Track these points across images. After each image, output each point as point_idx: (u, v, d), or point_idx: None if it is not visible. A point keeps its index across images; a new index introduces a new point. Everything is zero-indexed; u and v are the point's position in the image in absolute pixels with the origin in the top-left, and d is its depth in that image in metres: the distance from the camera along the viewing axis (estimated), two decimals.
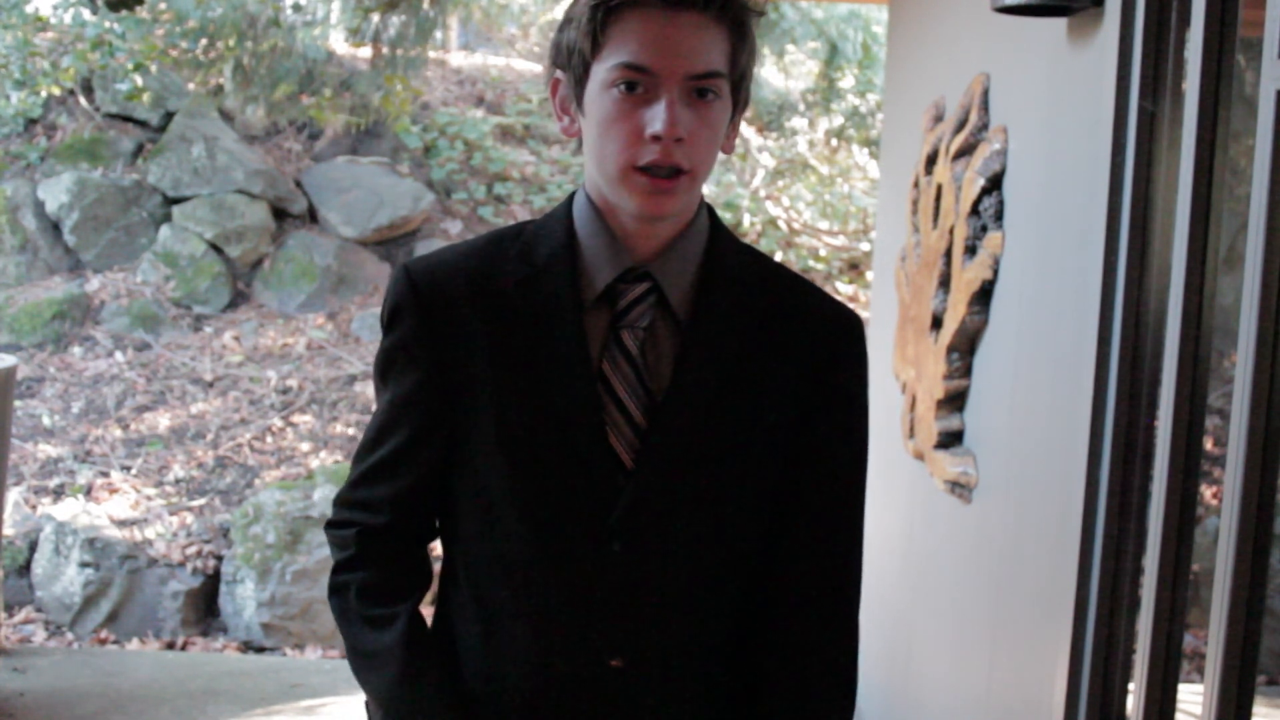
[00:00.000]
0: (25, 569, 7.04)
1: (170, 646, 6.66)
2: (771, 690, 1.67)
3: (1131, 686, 2.56)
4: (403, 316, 1.66)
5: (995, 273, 3.30)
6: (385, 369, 1.69)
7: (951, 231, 3.61)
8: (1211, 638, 2.04)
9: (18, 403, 8.16)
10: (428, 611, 1.75)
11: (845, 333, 1.71)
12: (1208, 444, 2.36)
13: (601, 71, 1.56)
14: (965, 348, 3.55)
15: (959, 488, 3.54)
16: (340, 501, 1.74)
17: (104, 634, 6.75)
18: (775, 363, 1.66)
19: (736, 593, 1.70)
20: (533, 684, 1.64)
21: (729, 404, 1.63)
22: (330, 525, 1.74)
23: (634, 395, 1.62)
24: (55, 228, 9.57)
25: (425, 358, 1.64)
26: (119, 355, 8.94)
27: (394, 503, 1.69)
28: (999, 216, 3.30)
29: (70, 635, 6.75)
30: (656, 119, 1.53)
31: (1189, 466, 2.32)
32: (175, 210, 9.63)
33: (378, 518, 1.69)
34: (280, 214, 9.83)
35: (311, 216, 9.92)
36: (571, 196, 1.70)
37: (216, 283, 9.42)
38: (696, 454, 1.62)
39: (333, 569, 1.73)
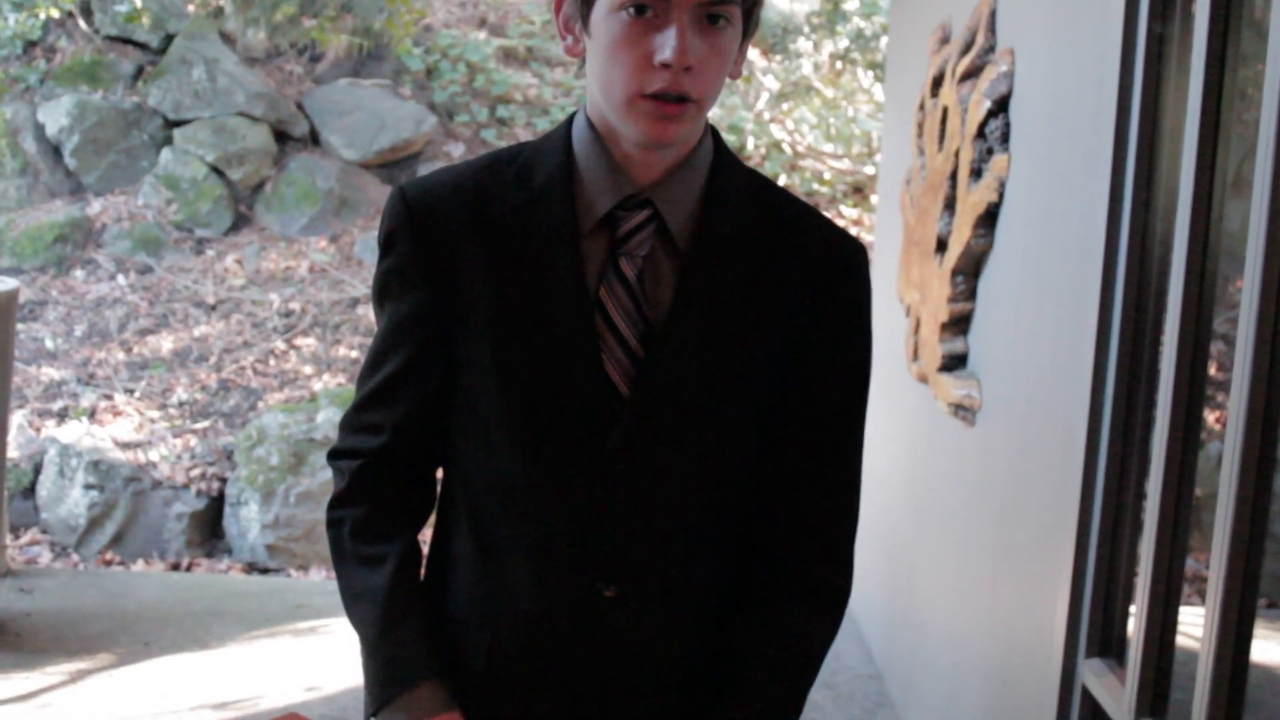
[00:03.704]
0: (30, 491, 7.08)
1: (175, 568, 6.71)
2: (760, 610, 1.67)
3: (1133, 609, 2.57)
4: (398, 240, 1.63)
5: (1001, 196, 3.29)
6: (382, 293, 1.67)
7: (957, 154, 3.59)
8: (1213, 561, 2.05)
9: (20, 326, 8.17)
10: (427, 534, 1.75)
11: (848, 261, 1.67)
12: (1212, 369, 2.35)
13: None
14: (970, 271, 3.54)
15: (963, 410, 3.54)
16: (343, 426, 1.73)
17: (109, 555, 6.79)
18: (777, 291, 1.63)
19: (732, 522, 1.69)
20: (526, 610, 1.64)
21: (728, 333, 1.61)
22: (333, 455, 1.73)
23: (631, 324, 1.59)
24: (56, 151, 9.53)
25: (421, 281, 1.62)
26: (121, 278, 8.93)
27: (396, 426, 1.67)
28: (1005, 139, 3.28)
29: (76, 556, 6.80)
30: (666, 46, 1.48)
31: (1193, 391, 2.32)
32: (176, 133, 9.58)
33: (379, 441, 1.68)
34: (282, 137, 9.79)
35: (313, 139, 9.88)
36: (570, 118, 1.66)
37: (218, 206, 9.39)
38: (694, 383, 1.60)
39: (330, 502, 1.72)
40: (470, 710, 1.66)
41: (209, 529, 7.01)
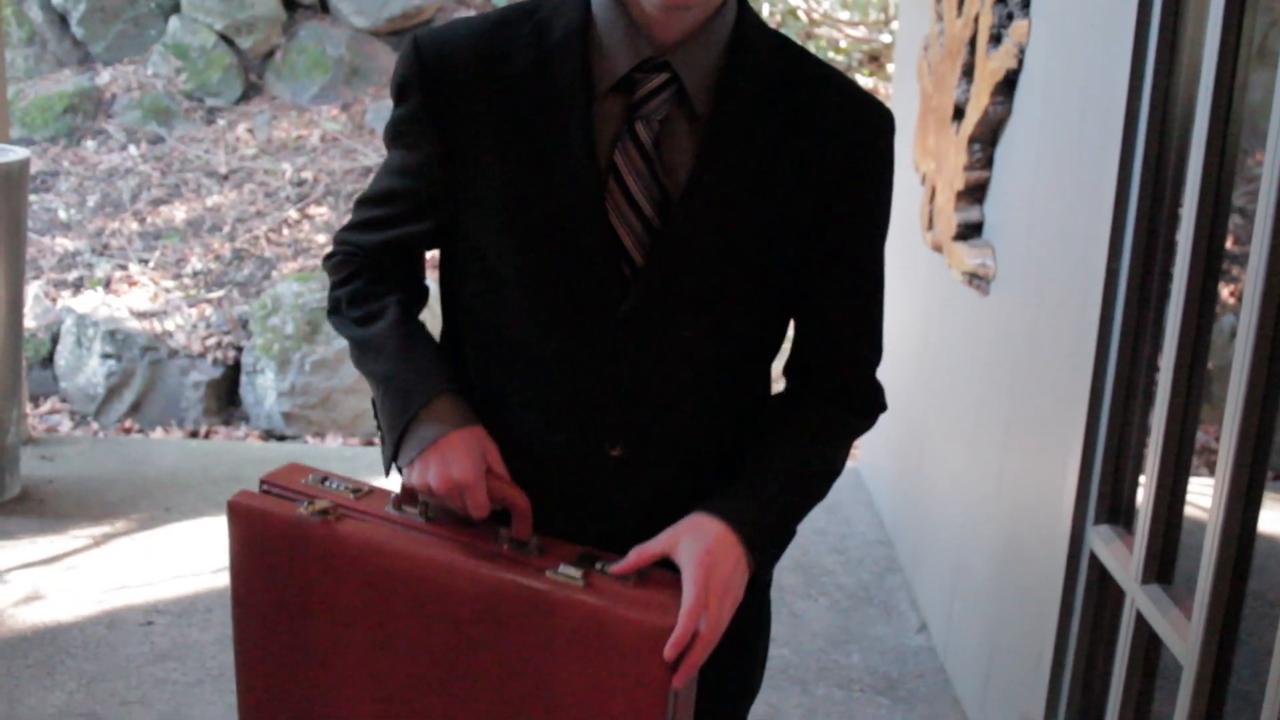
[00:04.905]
0: (48, 360, 7.13)
1: (194, 435, 6.77)
2: (783, 407, 1.70)
3: (1142, 480, 2.59)
4: (410, 92, 1.62)
5: (1020, 62, 3.25)
6: (393, 139, 1.68)
7: (976, 20, 3.55)
8: (1224, 433, 2.06)
9: (33, 197, 8.16)
10: None
11: (872, 127, 1.64)
12: (1229, 242, 2.34)
13: None
14: (987, 138, 3.51)
15: (977, 279, 3.54)
16: (337, 240, 1.76)
17: (128, 423, 6.86)
18: (798, 158, 1.59)
19: (742, 388, 1.71)
20: (533, 467, 1.65)
21: (747, 201, 1.58)
22: (327, 257, 1.77)
23: (646, 190, 1.56)
24: (62, 20, 9.43)
25: (431, 135, 1.61)
26: (132, 149, 8.89)
27: (387, 244, 1.71)
28: (1026, 5, 3.23)
29: (95, 425, 6.87)
30: None
31: (1209, 263, 2.32)
32: (184, 1, 9.47)
33: (372, 249, 1.72)
34: (291, 4, 9.66)
35: (323, 6, 9.75)
36: None
37: (228, 75, 9.31)
38: (709, 252, 1.58)
39: (328, 293, 1.76)
40: None
41: (226, 397, 7.07)
